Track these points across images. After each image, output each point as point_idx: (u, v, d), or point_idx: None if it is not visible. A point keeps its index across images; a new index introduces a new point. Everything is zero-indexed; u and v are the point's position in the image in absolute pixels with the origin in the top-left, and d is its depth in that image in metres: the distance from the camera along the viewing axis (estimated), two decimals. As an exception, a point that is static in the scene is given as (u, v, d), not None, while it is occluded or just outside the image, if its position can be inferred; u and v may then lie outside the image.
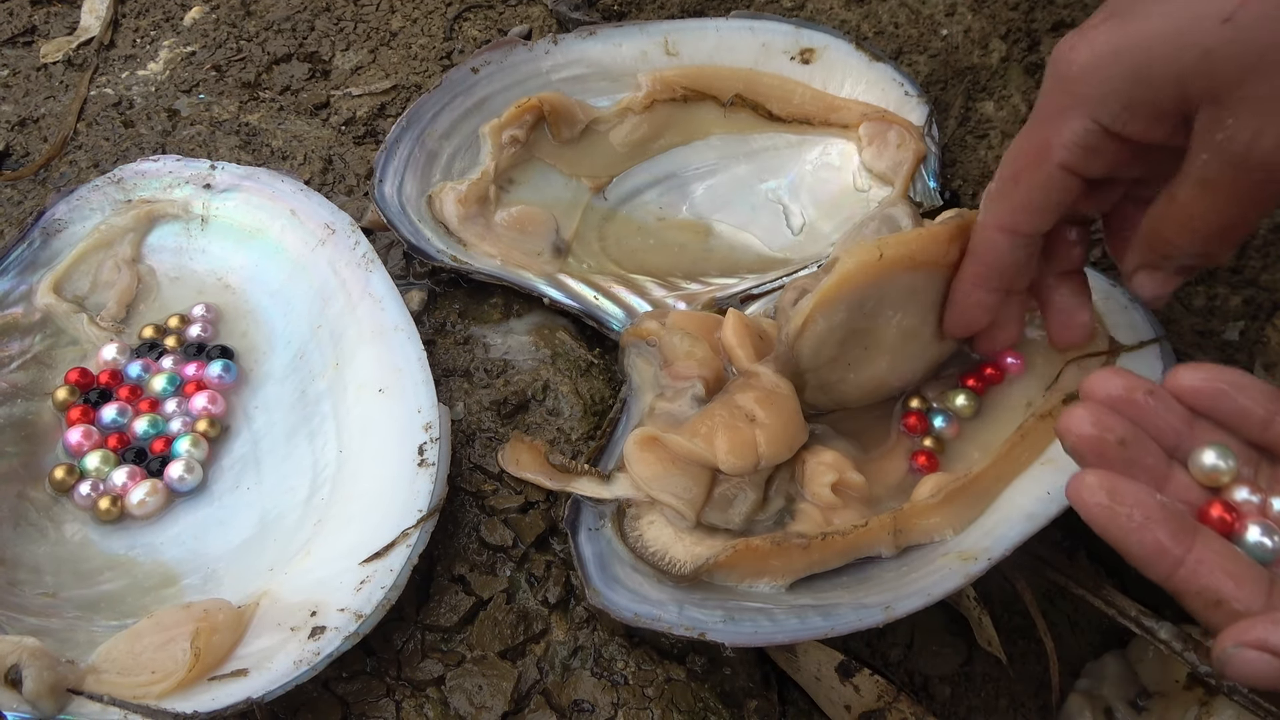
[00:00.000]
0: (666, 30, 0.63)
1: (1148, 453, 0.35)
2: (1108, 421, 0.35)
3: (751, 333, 0.49)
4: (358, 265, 0.53)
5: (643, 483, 0.45)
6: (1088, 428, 0.35)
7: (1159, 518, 0.32)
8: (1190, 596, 0.32)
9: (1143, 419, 0.36)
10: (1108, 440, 0.34)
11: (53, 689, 0.38)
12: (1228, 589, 0.32)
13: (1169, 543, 0.32)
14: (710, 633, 0.41)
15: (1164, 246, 0.39)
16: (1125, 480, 0.33)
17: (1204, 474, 0.35)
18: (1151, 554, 0.32)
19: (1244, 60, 0.34)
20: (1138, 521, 0.32)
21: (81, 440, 0.49)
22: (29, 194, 0.64)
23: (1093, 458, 0.35)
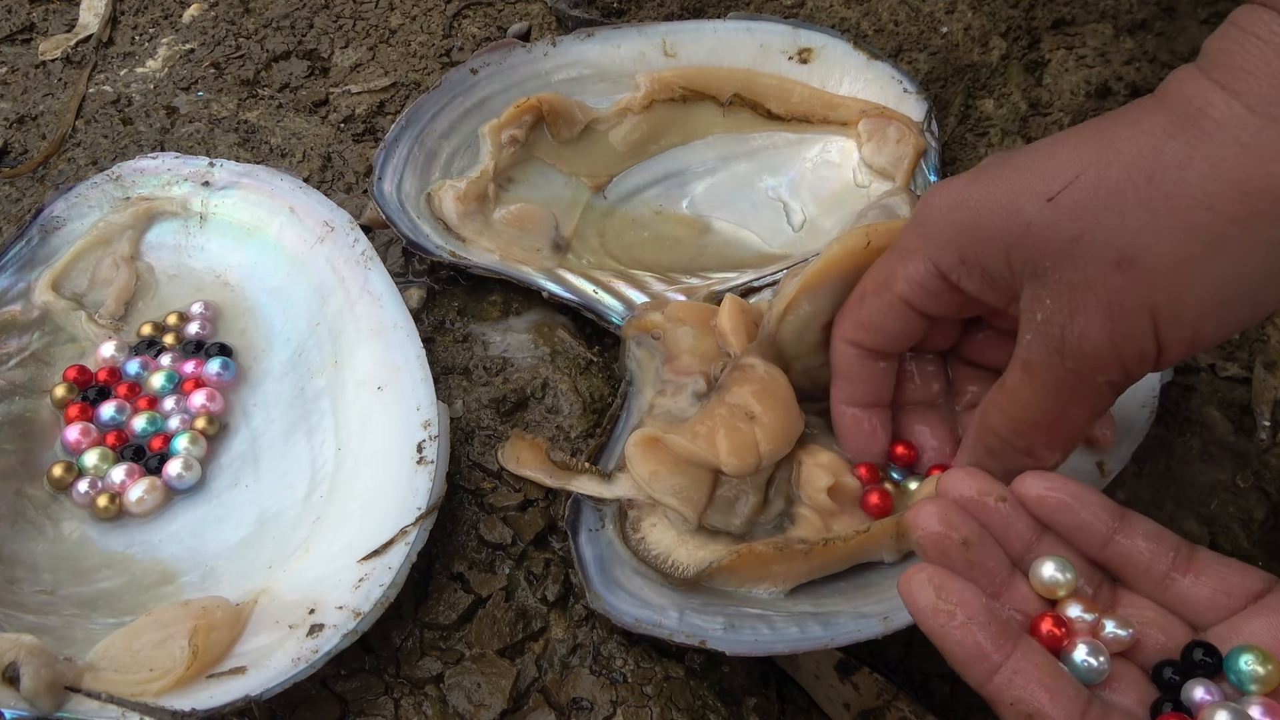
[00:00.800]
0: (664, 32, 0.63)
1: (990, 557, 0.35)
2: (955, 520, 0.34)
3: (746, 319, 0.49)
4: (356, 263, 0.53)
5: (644, 484, 0.45)
6: (934, 524, 0.34)
7: (982, 620, 0.32)
8: (1003, 706, 0.31)
9: (992, 523, 0.35)
10: (952, 539, 0.34)
11: (50, 686, 0.38)
12: (1041, 702, 0.31)
13: (989, 646, 0.31)
14: (710, 641, 0.41)
15: (988, 437, 0.39)
16: (955, 578, 0.32)
17: (1042, 585, 0.35)
18: (970, 656, 0.31)
19: (1059, 242, 0.34)
20: (959, 621, 0.32)
21: (80, 438, 0.49)
22: (27, 191, 0.64)
23: (934, 554, 0.34)
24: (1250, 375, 0.53)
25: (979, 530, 0.35)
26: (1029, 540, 0.35)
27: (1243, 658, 0.32)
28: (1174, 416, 0.51)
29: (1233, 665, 0.32)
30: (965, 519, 0.35)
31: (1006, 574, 0.35)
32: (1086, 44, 0.67)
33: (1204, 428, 0.51)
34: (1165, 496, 0.49)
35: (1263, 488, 0.49)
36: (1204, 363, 0.54)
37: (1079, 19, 0.69)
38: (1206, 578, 0.34)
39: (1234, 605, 0.34)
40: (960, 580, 0.32)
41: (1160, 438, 0.50)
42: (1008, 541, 0.35)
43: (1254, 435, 0.51)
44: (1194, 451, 0.50)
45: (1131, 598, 0.35)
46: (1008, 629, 0.32)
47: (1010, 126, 0.64)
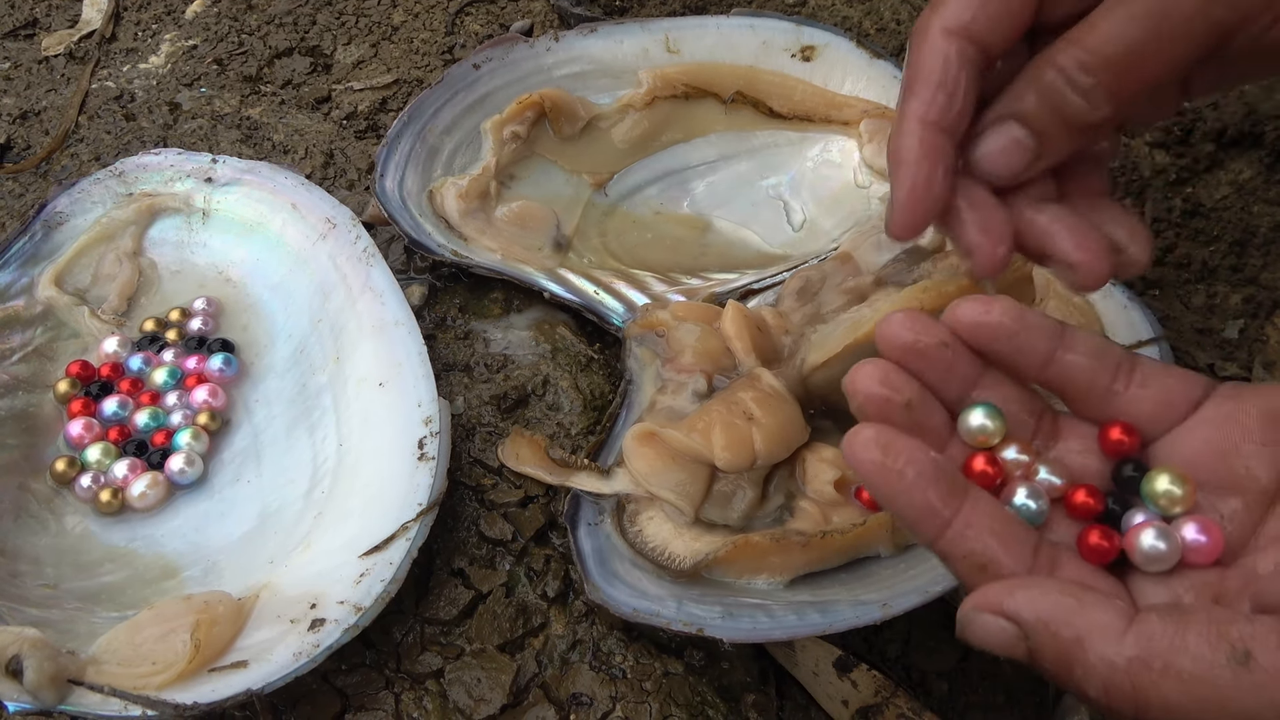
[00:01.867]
0: (667, 28, 0.63)
1: (933, 413, 0.33)
2: (896, 382, 0.33)
3: (750, 324, 0.49)
4: (358, 260, 0.53)
5: (641, 478, 0.45)
6: (875, 387, 0.33)
7: (930, 476, 0.31)
8: (957, 560, 0.31)
9: (930, 372, 0.34)
10: (894, 402, 0.33)
11: (53, 680, 0.38)
12: (994, 552, 0.30)
13: (938, 503, 0.31)
14: (708, 628, 0.41)
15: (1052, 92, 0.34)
16: (901, 437, 0.31)
17: (970, 435, 0.34)
18: (921, 514, 0.31)
19: None
20: (909, 480, 0.31)
21: (82, 433, 0.49)
22: (30, 187, 0.64)
23: (877, 418, 0.33)
24: (1249, 375, 0.53)
25: (920, 391, 0.33)
26: (970, 380, 0.34)
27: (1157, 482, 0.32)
28: (1173, 416, 0.51)
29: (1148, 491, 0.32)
30: (906, 380, 0.33)
31: (947, 429, 0.34)
32: (1088, 43, 0.67)
33: (1203, 427, 0.51)
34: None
35: (1261, 487, 0.49)
36: (1203, 363, 0.54)
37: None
38: (1149, 389, 0.33)
39: (1175, 416, 0.33)
40: (906, 438, 0.31)
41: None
42: (948, 385, 0.34)
43: (1253, 435, 0.51)
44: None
45: (1074, 425, 0.34)
46: (955, 483, 0.31)
47: (1012, 125, 0.64)
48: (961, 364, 0.34)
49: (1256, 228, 0.59)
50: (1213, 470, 0.32)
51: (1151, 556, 0.31)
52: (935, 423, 0.34)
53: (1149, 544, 0.31)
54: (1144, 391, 0.33)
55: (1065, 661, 0.29)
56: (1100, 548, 0.31)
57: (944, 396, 0.34)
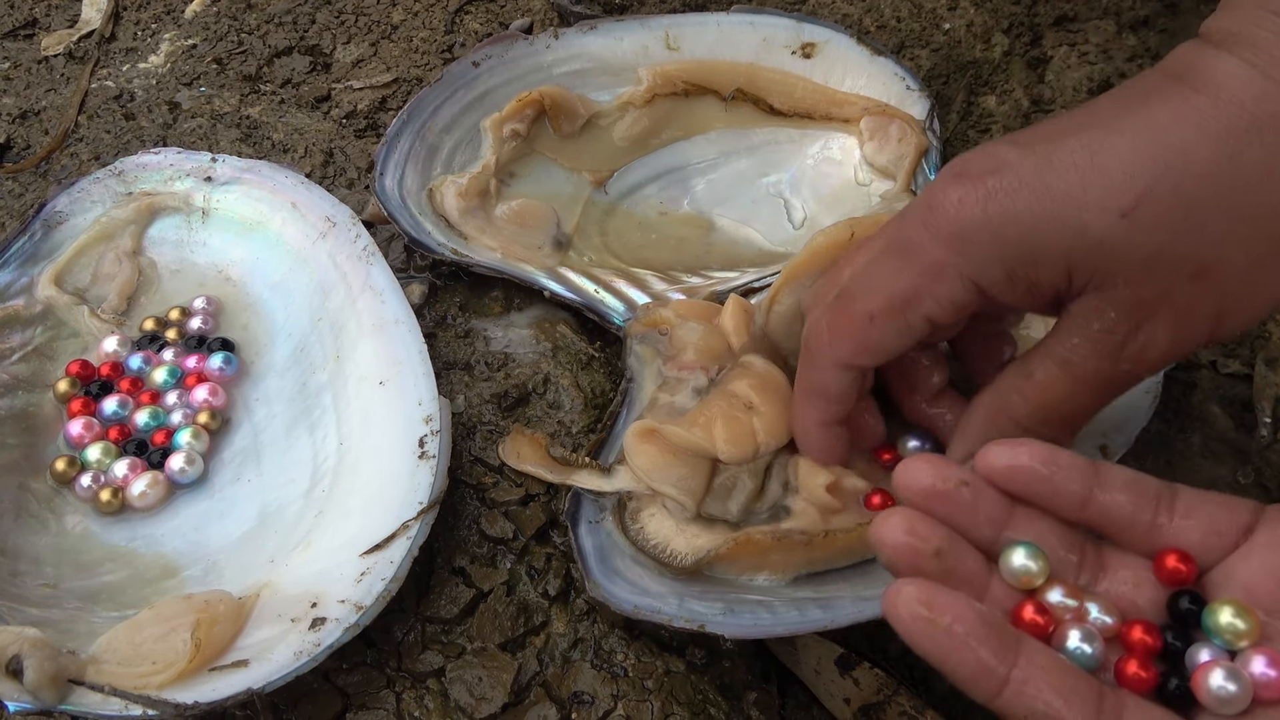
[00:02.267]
0: (667, 25, 0.63)
1: (966, 558, 0.32)
2: (923, 530, 0.32)
3: (748, 319, 0.49)
4: (358, 258, 0.53)
5: (643, 474, 0.45)
6: (901, 536, 0.32)
7: (980, 633, 0.29)
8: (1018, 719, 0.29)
9: (958, 515, 0.33)
10: (923, 551, 0.32)
11: (54, 679, 0.38)
12: (1056, 708, 0.29)
13: (992, 660, 0.29)
14: (710, 625, 0.41)
15: (1005, 424, 0.37)
16: (944, 591, 0.30)
17: (1014, 578, 0.32)
18: (975, 674, 0.29)
19: (1136, 258, 0.33)
20: (959, 639, 0.29)
21: (82, 432, 0.49)
22: (30, 186, 0.64)
23: (907, 569, 0.32)
24: (1251, 372, 0.53)
25: (949, 535, 0.32)
26: (1001, 520, 0.33)
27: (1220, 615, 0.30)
28: (1175, 413, 0.51)
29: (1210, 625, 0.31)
30: (933, 526, 0.32)
31: (984, 572, 0.33)
32: (1089, 40, 0.67)
33: (1205, 424, 0.51)
34: (1166, 492, 0.49)
35: (1263, 484, 0.49)
36: (1205, 359, 0.54)
37: (1081, 15, 0.69)
38: (1194, 519, 0.33)
39: (1226, 545, 0.32)
40: (949, 593, 0.30)
41: (1161, 434, 0.50)
42: (978, 527, 0.33)
43: (1255, 432, 0.51)
44: (1195, 448, 0.50)
45: (1120, 556, 0.34)
46: (1006, 636, 0.30)
47: (1013, 123, 0.64)
48: (988, 503, 0.33)
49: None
50: (1272, 597, 0.31)
51: (1222, 699, 0.29)
52: (970, 568, 0.33)
53: (1218, 685, 0.29)
54: (1189, 522, 0.33)
55: None
56: (1139, 677, 0.30)
57: (975, 538, 0.33)
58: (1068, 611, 0.32)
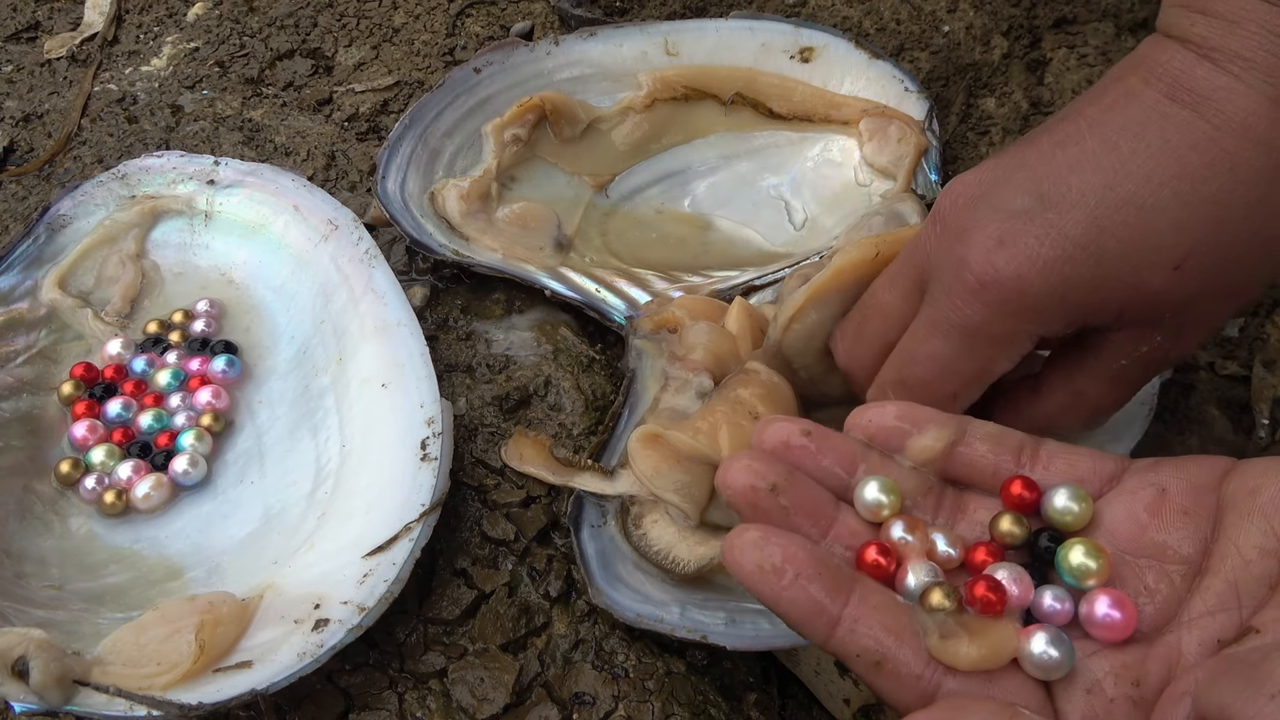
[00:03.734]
0: (666, 31, 0.64)
1: (806, 494, 0.32)
2: (760, 469, 0.32)
3: (753, 322, 0.49)
4: (360, 261, 0.53)
5: (645, 480, 0.45)
6: (741, 478, 0.32)
7: (811, 573, 0.29)
8: (850, 660, 0.29)
9: (807, 462, 0.33)
10: (759, 488, 0.32)
11: (59, 680, 0.38)
12: (887, 647, 0.29)
13: (824, 599, 0.29)
14: (712, 635, 0.41)
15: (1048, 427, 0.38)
16: (776, 533, 0.30)
17: (866, 509, 0.32)
18: (806, 614, 0.29)
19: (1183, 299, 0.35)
20: (788, 579, 0.29)
21: (86, 434, 0.49)
22: (33, 190, 0.64)
23: (749, 510, 0.32)
24: (1249, 374, 0.53)
25: (787, 471, 0.32)
26: (850, 465, 0.34)
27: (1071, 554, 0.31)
28: (1173, 415, 0.52)
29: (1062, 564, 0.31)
30: (771, 464, 0.32)
31: (831, 509, 0.33)
32: (1088, 43, 0.67)
33: (1203, 426, 0.51)
34: (1164, 494, 0.49)
35: (1261, 485, 0.49)
36: (1203, 361, 0.54)
37: (1080, 17, 0.69)
38: (1055, 468, 0.33)
39: (1091, 493, 0.33)
40: (782, 534, 0.30)
41: (1159, 436, 0.51)
42: (828, 473, 0.33)
43: (1253, 433, 0.51)
44: (1193, 450, 0.51)
45: (979, 499, 0.34)
46: (840, 576, 0.30)
47: (1012, 125, 0.64)
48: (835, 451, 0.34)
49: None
50: (1133, 542, 0.31)
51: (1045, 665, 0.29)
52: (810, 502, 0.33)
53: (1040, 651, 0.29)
54: (1051, 473, 0.33)
55: None
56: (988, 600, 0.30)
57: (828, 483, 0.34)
58: (910, 547, 0.32)
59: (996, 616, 0.30)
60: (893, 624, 0.29)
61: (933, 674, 0.29)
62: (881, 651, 0.29)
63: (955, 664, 0.29)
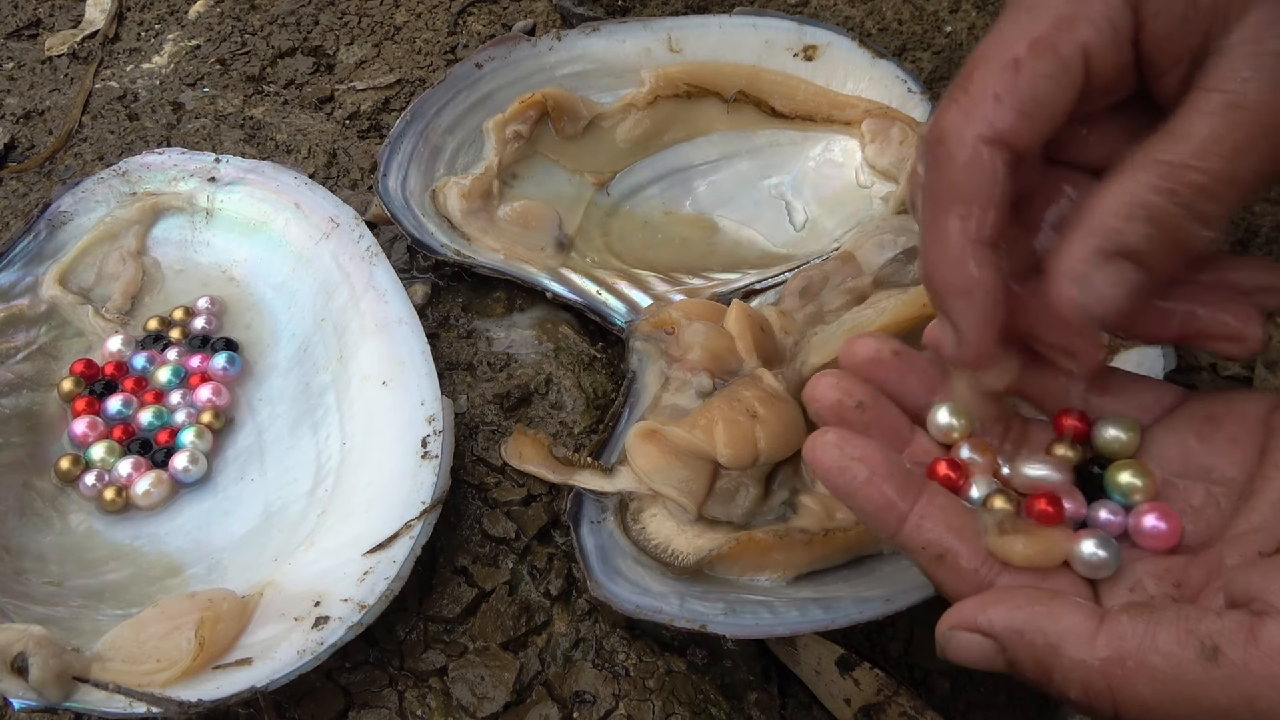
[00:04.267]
0: (669, 27, 0.63)
1: (887, 414, 0.35)
2: (849, 387, 0.35)
3: (753, 324, 0.49)
4: (361, 259, 0.53)
5: (644, 475, 0.45)
6: (831, 393, 0.34)
7: (885, 472, 0.32)
8: (915, 552, 0.32)
9: (889, 381, 0.35)
10: (846, 404, 0.34)
11: (58, 677, 0.38)
12: (949, 542, 0.31)
13: (894, 497, 0.32)
14: (711, 625, 0.41)
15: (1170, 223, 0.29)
16: (857, 437, 0.32)
17: (938, 431, 0.35)
18: (878, 508, 0.32)
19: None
20: (864, 476, 0.32)
21: (87, 431, 0.49)
22: (34, 186, 0.64)
23: (833, 421, 0.34)
24: (1251, 374, 0.53)
25: (873, 392, 0.35)
26: (930, 387, 0.35)
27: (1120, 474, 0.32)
28: (1175, 415, 0.52)
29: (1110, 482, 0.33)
30: (858, 384, 0.35)
31: (907, 430, 0.35)
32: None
33: (1205, 426, 0.51)
34: (1166, 494, 0.49)
35: (1263, 486, 0.49)
36: (1205, 362, 0.54)
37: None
38: (1119, 397, 0.34)
39: (1148, 420, 0.34)
40: (862, 438, 0.32)
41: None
42: (909, 393, 0.35)
43: (1254, 434, 0.51)
44: (1194, 450, 0.50)
45: (1044, 430, 0.35)
46: (911, 478, 0.32)
47: (1013, 125, 0.64)
48: (918, 371, 0.35)
49: (1258, 227, 0.59)
50: (1181, 464, 0.33)
51: (1093, 564, 0.31)
52: (893, 424, 0.35)
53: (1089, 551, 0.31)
54: (1116, 399, 0.34)
55: (1044, 668, 0.29)
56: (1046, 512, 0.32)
57: (906, 404, 0.35)
58: (978, 466, 0.34)
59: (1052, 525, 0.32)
60: (956, 523, 0.31)
61: (989, 569, 0.31)
62: (943, 545, 0.31)
63: (1010, 559, 0.31)
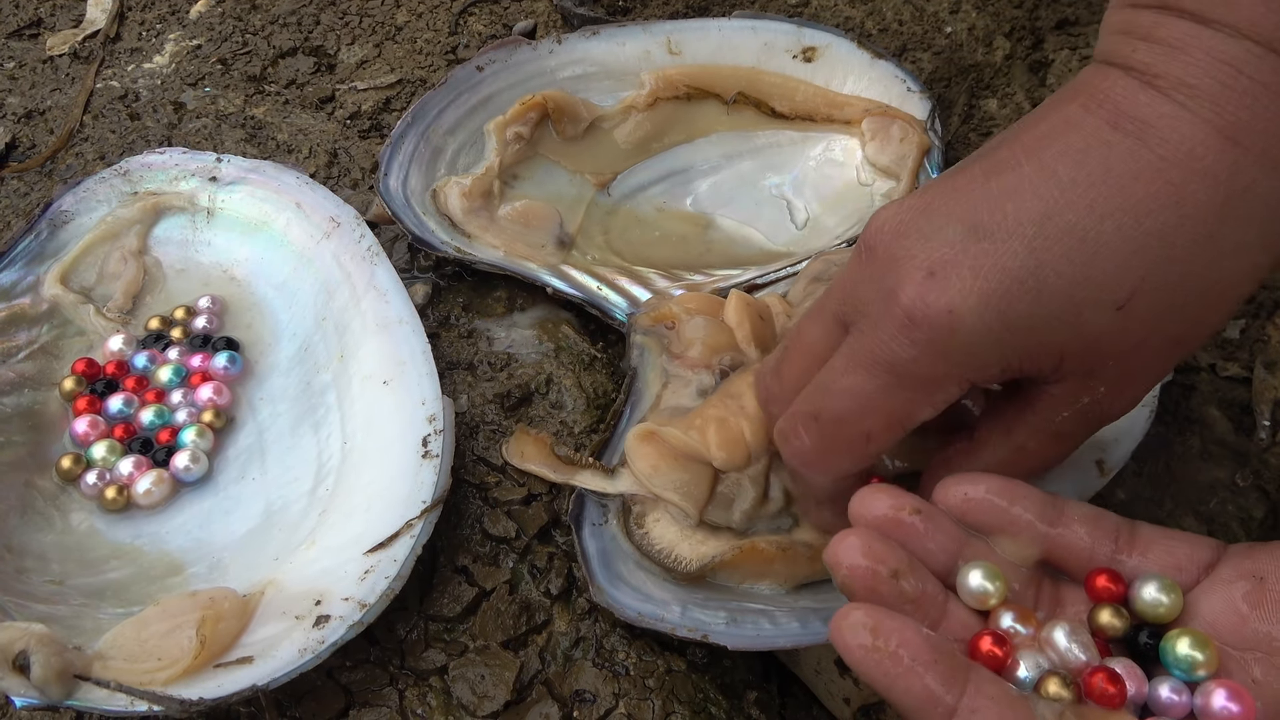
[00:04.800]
0: (669, 30, 0.64)
1: (925, 583, 0.32)
2: (880, 551, 0.31)
3: (751, 312, 0.49)
4: (363, 258, 0.53)
5: (644, 479, 0.45)
6: (859, 558, 0.31)
7: (927, 659, 0.28)
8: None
9: (913, 542, 0.32)
10: (880, 573, 0.31)
11: (60, 675, 0.38)
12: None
13: (939, 689, 0.28)
14: (713, 635, 0.41)
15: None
16: (891, 616, 0.29)
17: (971, 596, 0.32)
18: (922, 703, 0.28)
19: (1128, 345, 0.33)
20: (905, 665, 0.28)
21: (88, 430, 0.49)
22: (35, 186, 0.64)
23: (864, 593, 0.31)
24: (1250, 375, 0.53)
25: (907, 558, 0.32)
26: (955, 551, 0.33)
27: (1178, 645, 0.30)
28: (1174, 416, 0.52)
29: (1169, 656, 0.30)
30: (891, 548, 0.32)
31: (941, 597, 0.32)
32: (1090, 44, 0.67)
33: (1204, 427, 0.51)
34: (1165, 495, 0.49)
35: (1262, 487, 0.49)
36: (1204, 362, 0.54)
37: (1083, 19, 0.69)
38: (1153, 554, 0.33)
39: (1187, 581, 0.32)
40: (897, 617, 0.29)
41: (1160, 437, 0.51)
42: (932, 556, 0.33)
43: (1254, 434, 0.51)
44: (1194, 450, 0.51)
45: (1076, 591, 0.33)
46: (955, 665, 0.29)
47: (1013, 126, 0.64)
48: (942, 533, 0.33)
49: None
50: (1235, 633, 0.31)
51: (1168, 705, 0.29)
52: (929, 594, 0.32)
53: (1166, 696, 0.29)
54: (1148, 558, 0.32)
55: None
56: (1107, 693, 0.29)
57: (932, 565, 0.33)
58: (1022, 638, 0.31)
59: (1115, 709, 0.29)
60: (1010, 716, 0.29)
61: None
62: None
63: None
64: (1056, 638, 0.31)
